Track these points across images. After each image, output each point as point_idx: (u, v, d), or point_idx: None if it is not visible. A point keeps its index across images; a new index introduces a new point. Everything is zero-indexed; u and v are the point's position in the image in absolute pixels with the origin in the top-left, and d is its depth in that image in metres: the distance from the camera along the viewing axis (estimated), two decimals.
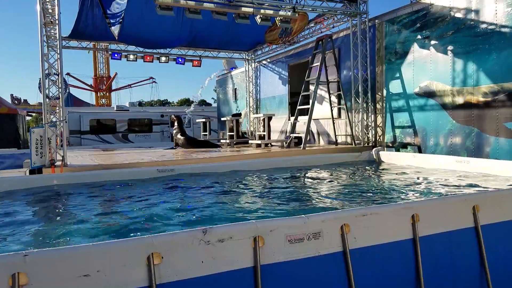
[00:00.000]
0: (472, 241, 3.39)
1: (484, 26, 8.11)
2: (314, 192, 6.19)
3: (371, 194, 5.90)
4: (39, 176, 7.27)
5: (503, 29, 7.75)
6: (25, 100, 47.89)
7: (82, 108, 31.02)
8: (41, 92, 8.31)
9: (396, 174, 7.95)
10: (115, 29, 11.82)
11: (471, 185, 6.16)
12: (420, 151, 9.62)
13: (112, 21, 11.77)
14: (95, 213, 4.92)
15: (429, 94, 9.40)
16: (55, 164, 7.74)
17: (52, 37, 8.74)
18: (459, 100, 8.65)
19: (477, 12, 8.25)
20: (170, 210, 4.90)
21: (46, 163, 7.62)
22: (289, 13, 9.99)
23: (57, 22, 8.15)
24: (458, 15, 8.62)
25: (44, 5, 8.13)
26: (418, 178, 7.15)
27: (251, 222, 2.69)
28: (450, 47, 8.84)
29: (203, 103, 52.43)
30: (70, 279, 2.13)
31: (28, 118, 38.48)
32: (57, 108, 8.38)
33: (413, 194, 5.68)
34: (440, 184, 6.41)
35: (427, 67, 9.40)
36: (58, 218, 4.79)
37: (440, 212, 3.32)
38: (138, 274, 2.30)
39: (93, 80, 46.55)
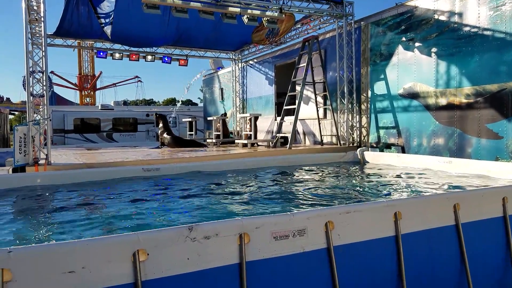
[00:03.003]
0: (453, 238, 3.47)
1: (467, 29, 8.28)
2: (299, 191, 6.24)
3: (355, 193, 5.97)
4: (22, 174, 7.16)
5: (485, 32, 7.93)
6: (8, 99, 46.98)
7: (66, 107, 30.59)
8: (25, 90, 8.19)
9: (380, 173, 8.06)
10: (108, 29, 11.74)
11: (452, 184, 6.28)
12: (403, 151, 9.76)
13: (104, 20, 11.68)
14: (79, 211, 4.87)
15: (413, 95, 9.56)
16: (39, 162, 7.64)
17: (37, 35, 8.63)
18: (442, 101, 8.81)
19: (460, 15, 8.42)
20: (155, 209, 4.89)
21: (30, 161, 7.51)
22: (276, 14, 10.04)
23: (42, 19, 8.05)
24: (442, 18, 8.79)
25: (29, 2, 8.02)
26: (401, 178, 7.27)
27: (236, 219, 2.71)
28: (433, 49, 9.00)
29: (189, 102, 52.26)
30: (55, 275, 2.12)
31: (10, 116, 37.79)
32: (41, 106, 8.27)
33: (396, 193, 5.77)
34: (422, 183, 6.53)
35: (411, 69, 9.55)
36: (41, 216, 4.74)
37: (422, 210, 3.40)
38: (124, 271, 2.30)
39: (78, 78, 45.95)
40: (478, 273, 3.50)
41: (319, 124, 12.08)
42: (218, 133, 14.36)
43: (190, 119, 16.38)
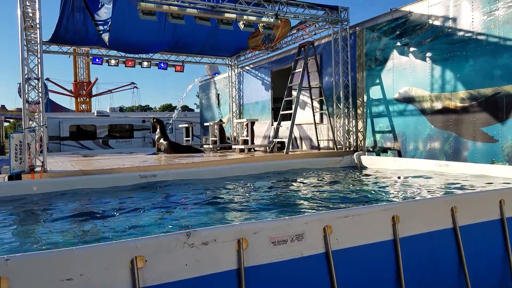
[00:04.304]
0: (451, 241, 3.48)
1: (461, 33, 8.35)
2: (297, 196, 6.24)
3: (353, 197, 5.98)
4: (18, 182, 7.11)
5: (479, 37, 8.00)
6: (3, 106, 46.85)
7: (61, 114, 30.52)
8: (20, 97, 8.16)
9: (377, 177, 8.08)
10: (105, 36, 11.75)
11: (449, 188, 6.30)
12: (400, 155, 9.79)
13: (102, 27, 11.69)
14: (76, 218, 4.85)
15: (408, 100, 9.60)
16: (35, 170, 7.60)
17: (32, 41, 8.61)
18: (438, 105, 8.86)
19: (454, 20, 8.49)
20: (153, 216, 4.87)
21: (26, 169, 7.47)
22: (272, 20, 10.09)
23: (38, 26, 8.04)
24: (436, 22, 8.86)
25: (24, 9, 8.02)
26: (398, 182, 7.28)
27: (235, 224, 2.70)
28: (428, 54, 9.06)
29: (185, 108, 52.27)
30: (53, 283, 2.11)
31: (5, 124, 37.63)
32: (36, 113, 8.24)
33: (393, 197, 5.78)
34: (419, 187, 6.54)
35: (406, 74, 9.61)
36: (38, 224, 4.71)
37: (419, 213, 3.40)
38: (122, 278, 2.28)
39: (73, 85, 45.91)
40: (476, 275, 3.50)
41: (316, 129, 12.10)
42: (215, 138, 14.35)
43: (186, 125, 16.37)
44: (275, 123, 12.32)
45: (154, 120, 13.65)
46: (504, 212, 3.79)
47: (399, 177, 7.68)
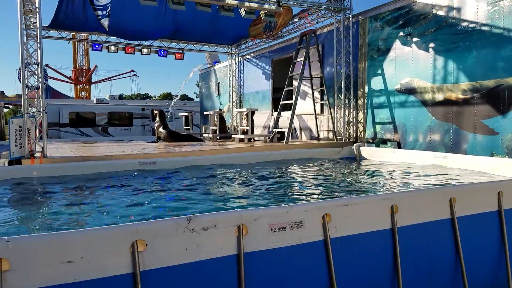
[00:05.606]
0: (449, 232, 3.50)
1: (465, 24, 8.29)
2: (296, 185, 6.25)
3: (352, 187, 6.00)
4: (18, 167, 7.12)
5: (483, 28, 7.94)
6: (2, 92, 46.63)
7: (61, 101, 30.43)
8: (20, 82, 8.13)
9: (376, 168, 8.09)
10: (105, 21, 11.67)
11: (448, 179, 6.32)
12: (399, 147, 9.80)
13: (101, 12, 11.61)
14: (75, 203, 4.86)
15: (409, 91, 9.58)
16: (35, 155, 7.61)
17: (32, 26, 8.55)
18: (439, 97, 8.84)
19: (458, 10, 8.42)
20: (153, 201, 4.89)
21: (26, 154, 7.47)
22: (274, 7, 10.01)
23: (37, 10, 7.98)
24: (440, 12, 8.79)
25: None
26: (397, 173, 7.30)
27: (235, 211, 2.72)
28: (431, 45, 9.01)
29: (185, 97, 52.16)
30: (53, 265, 2.12)
31: (5, 110, 37.51)
32: (36, 99, 8.21)
33: (392, 187, 5.80)
34: (418, 178, 6.56)
35: (409, 64, 9.57)
36: (38, 208, 4.72)
37: (418, 203, 3.41)
38: (122, 261, 2.30)
39: (73, 72, 45.69)
40: (472, 265, 3.53)
41: (316, 119, 12.08)
42: (215, 127, 14.34)
43: (186, 114, 16.34)
44: (275, 113, 12.30)
45: (155, 110, 13.69)
46: (502, 204, 3.81)
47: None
